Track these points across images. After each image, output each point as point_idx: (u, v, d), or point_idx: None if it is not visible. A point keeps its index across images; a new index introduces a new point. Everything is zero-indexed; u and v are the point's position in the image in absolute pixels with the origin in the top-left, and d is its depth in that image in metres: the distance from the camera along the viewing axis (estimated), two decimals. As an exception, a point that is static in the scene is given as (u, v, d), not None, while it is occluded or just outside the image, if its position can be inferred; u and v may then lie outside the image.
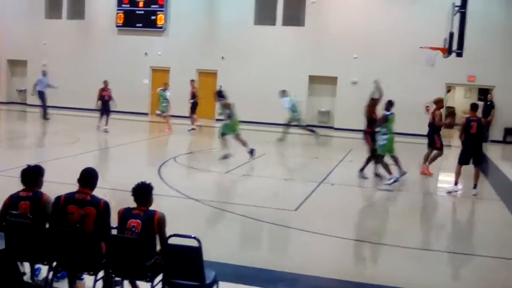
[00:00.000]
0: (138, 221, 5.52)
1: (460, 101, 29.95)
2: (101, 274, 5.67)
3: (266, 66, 24.94)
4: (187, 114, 22.38)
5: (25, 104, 28.06)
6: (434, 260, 8.21)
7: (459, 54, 16.14)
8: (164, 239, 5.47)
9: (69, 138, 18.13)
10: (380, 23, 23.67)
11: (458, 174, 12.71)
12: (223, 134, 15.52)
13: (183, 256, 5.31)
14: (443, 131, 16.65)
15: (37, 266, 6.25)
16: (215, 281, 5.50)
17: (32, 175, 6.08)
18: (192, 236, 5.26)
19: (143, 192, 5.69)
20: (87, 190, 5.86)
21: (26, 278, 6.02)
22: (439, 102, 14.71)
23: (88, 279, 5.87)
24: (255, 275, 7.07)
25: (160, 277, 5.48)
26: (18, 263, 5.91)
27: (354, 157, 16.34)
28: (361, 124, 14.39)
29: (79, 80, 27.01)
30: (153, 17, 26.43)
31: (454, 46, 16.14)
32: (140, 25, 26.67)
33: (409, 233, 9.71)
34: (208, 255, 5.41)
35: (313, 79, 24.95)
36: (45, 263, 5.88)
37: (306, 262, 7.68)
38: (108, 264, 5.60)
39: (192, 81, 22.94)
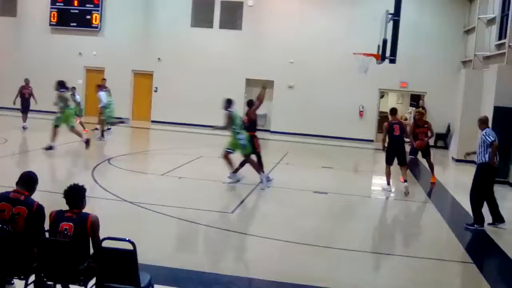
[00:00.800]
0: (71, 224, 5.41)
1: (392, 106, 30.68)
2: (32, 278, 5.53)
3: (203, 68, 24.93)
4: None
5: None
6: (365, 261, 8.40)
7: (392, 61, 16.58)
8: (97, 242, 5.38)
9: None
10: (316, 28, 24.08)
11: (388, 174, 13.46)
12: (55, 126, 15.89)
13: (117, 259, 5.24)
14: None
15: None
16: (150, 284, 5.44)
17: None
18: (127, 239, 5.19)
19: (75, 194, 5.59)
20: (24, 191, 5.72)
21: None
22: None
23: (18, 284, 5.71)
24: (190, 278, 7.05)
25: (93, 281, 5.38)
26: None
27: (290, 159, 16.51)
28: (299, 127, 14.53)
29: (10, 79, 26.19)
30: (88, 17, 25.97)
31: (388, 52, 16.55)
32: (75, 24, 26.16)
33: (342, 234, 9.89)
34: (143, 258, 5.35)
35: (250, 82, 25.06)
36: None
37: (242, 264, 7.71)
38: (40, 267, 5.46)
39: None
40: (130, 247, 5.13)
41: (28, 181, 5.89)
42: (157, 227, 9.52)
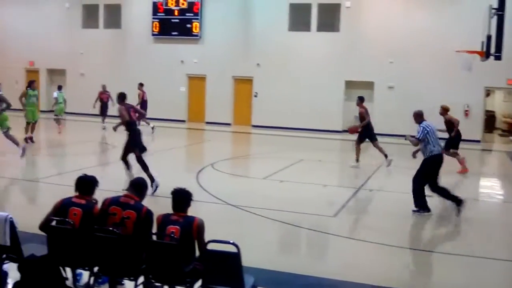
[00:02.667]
0: (177, 227, 5.55)
1: (499, 105, 29.45)
2: (141, 279, 5.73)
3: (301, 72, 24.91)
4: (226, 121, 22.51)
5: (64, 112, 28.50)
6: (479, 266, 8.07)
7: (498, 58, 15.86)
8: (203, 245, 5.49)
9: (106, 146, 18.37)
10: (416, 26, 23.43)
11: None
12: None
13: (222, 262, 5.32)
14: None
15: (78, 271, 6.34)
16: (254, 287, 5.49)
17: (88, 184, 6.14)
18: (231, 242, 5.26)
19: (182, 198, 5.74)
20: (134, 196, 5.94)
21: (68, 283, 6.10)
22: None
23: (128, 285, 5.93)
24: (293, 281, 7.05)
25: (199, 283, 5.50)
26: (61, 268, 6.02)
27: (393, 162, 16.16)
28: (400, 128, 14.20)
29: (115, 88, 27.34)
30: (188, 25, 26.65)
31: (492, 49, 15.86)
32: (176, 33, 26.92)
33: (450, 238, 9.57)
34: (246, 260, 5.41)
35: (349, 84, 24.81)
36: (87, 268, 5.97)
37: (344, 268, 7.62)
38: (148, 269, 5.65)
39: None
40: (234, 249, 5.20)
41: (138, 186, 6.10)
42: (260, 230, 9.60)
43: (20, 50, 29.63)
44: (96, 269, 5.87)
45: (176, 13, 26.77)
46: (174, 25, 26.91)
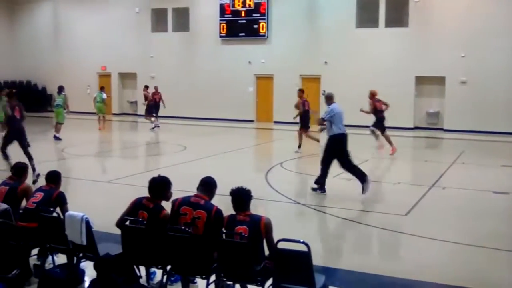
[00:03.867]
0: (245, 227, 5.57)
1: None
2: (212, 278, 5.79)
3: (370, 69, 24.55)
4: (292, 120, 22.42)
5: (136, 114, 29.23)
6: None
7: None
8: (272, 244, 5.50)
9: (177, 146, 18.69)
10: (487, 18, 22.67)
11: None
12: None
13: (292, 260, 5.31)
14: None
15: (152, 269, 6.47)
16: (325, 286, 5.46)
17: (158, 187, 6.21)
18: (301, 241, 5.25)
19: (241, 197, 5.75)
20: (204, 196, 6.00)
21: (142, 281, 6.24)
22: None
23: (200, 283, 6.00)
24: (365, 280, 6.97)
25: (270, 281, 5.51)
26: (135, 266, 6.16)
27: (466, 159, 15.72)
28: (473, 124, 13.75)
29: (185, 90, 27.86)
30: (255, 26, 26.77)
31: None
32: (243, 34, 27.09)
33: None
34: (317, 259, 5.38)
35: (419, 80, 24.32)
36: (160, 267, 6.08)
37: (418, 268, 7.46)
38: (220, 268, 5.70)
39: (146, 86, 25.08)
40: (305, 248, 5.18)
41: (207, 186, 6.16)
42: (330, 229, 9.54)
43: (92, 55, 30.57)
44: (169, 267, 5.98)
45: (243, 14, 26.94)
46: (241, 26, 27.08)
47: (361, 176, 11.32)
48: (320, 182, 11.47)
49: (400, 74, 24.13)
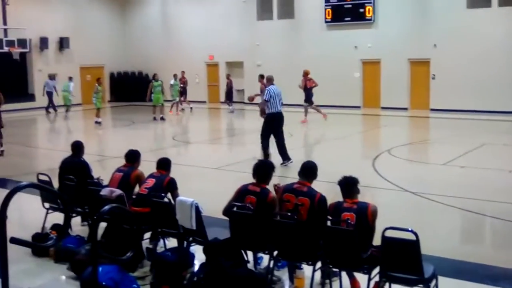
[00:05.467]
0: (352, 213, 5.56)
1: None
2: (319, 264, 5.80)
3: (481, 51, 23.39)
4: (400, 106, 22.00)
5: (243, 102, 29.63)
6: None
7: None
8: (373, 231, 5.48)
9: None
10: None
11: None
12: None
13: (400, 249, 5.22)
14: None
15: (259, 255, 6.58)
16: (434, 276, 5.33)
17: (263, 171, 6.33)
18: (409, 229, 5.15)
19: (349, 185, 5.73)
20: (306, 182, 6.02)
21: (250, 266, 6.35)
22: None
23: (307, 269, 6.03)
24: (476, 271, 6.74)
25: (377, 269, 5.44)
26: (242, 251, 6.29)
27: None
28: None
29: (290, 77, 27.89)
30: (361, 10, 26.29)
31: None
32: (349, 19, 26.69)
33: None
34: (425, 248, 5.26)
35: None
36: (267, 252, 6.17)
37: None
38: (326, 255, 5.70)
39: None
40: (413, 237, 5.08)
41: (308, 170, 6.16)
42: (440, 218, 9.27)
43: (200, 45, 31.24)
44: (275, 253, 6.05)
45: (348, -2, 26.57)
46: (347, 11, 26.69)
47: (284, 156, 13.05)
48: (285, 156, 13.08)
49: (516, 56, 22.89)
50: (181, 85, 26.68)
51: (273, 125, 13.10)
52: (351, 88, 26.82)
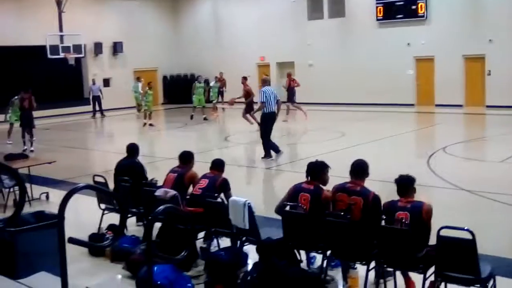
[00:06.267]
0: (406, 213, 5.49)
1: None
2: (373, 264, 5.75)
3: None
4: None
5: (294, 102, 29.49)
6: None
7: None
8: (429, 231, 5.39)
9: (335, 133, 18.68)
10: None
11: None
12: None
13: (456, 248, 5.13)
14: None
15: (312, 254, 6.57)
16: (491, 276, 5.22)
17: (317, 169, 6.36)
18: (465, 228, 5.06)
19: (405, 183, 5.67)
20: (358, 181, 5.98)
21: (303, 265, 6.35)
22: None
23: (360, 269, 5.99)
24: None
25: (432, 269, 5.36)
26: (295, 251, 6.29)
27: None
28: None
29: (342, 76, 27.71)
30: (413, 7, 25.88)
31: None
32: (401, 16, 26.32)
33: None
34: (482, 248, 5.15)
35: None
36: (320, 252, 6.15)
37: None
38: (380, 254, 5.65)
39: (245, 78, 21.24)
40: (469, 236, 4.99)
41: (358, 169, 6.11)
42: (497, 217, 9.06)
43: (251, 47, 31.34)
44: (329, 252, 6.03)
45: (400, -5, 26.20)
46: (399, 8, 26.31)
47: (270, 152, 13.79)
48: (274, 148, 13.86)
49: None
50: (220, 87, 27.52)
51: (268, 124, 13.80)
52: (404, 85, 26.43)
